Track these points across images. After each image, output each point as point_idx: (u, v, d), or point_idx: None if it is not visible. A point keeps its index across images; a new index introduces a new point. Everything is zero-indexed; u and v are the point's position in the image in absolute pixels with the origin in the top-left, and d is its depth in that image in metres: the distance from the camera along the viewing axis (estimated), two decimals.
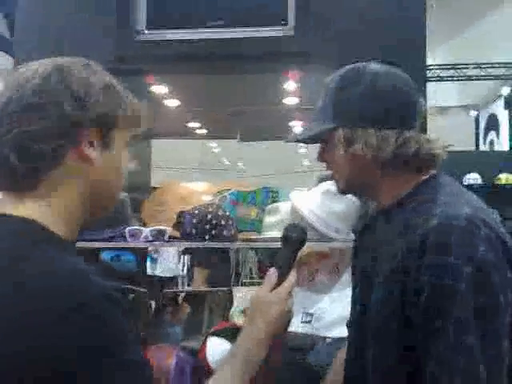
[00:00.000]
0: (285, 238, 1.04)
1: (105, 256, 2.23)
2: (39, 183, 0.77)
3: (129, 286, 2.01)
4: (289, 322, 0.98)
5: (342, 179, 1.08)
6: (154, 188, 2.38)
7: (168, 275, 5.86)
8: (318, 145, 1.10)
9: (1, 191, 0.80)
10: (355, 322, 1.09)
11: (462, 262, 0.83)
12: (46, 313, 0.65)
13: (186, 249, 6.01)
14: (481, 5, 8.27)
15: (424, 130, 1.12)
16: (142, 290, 2.06)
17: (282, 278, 0.99)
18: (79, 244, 1.07)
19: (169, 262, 6.07)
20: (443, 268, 0.84)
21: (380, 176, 1.02)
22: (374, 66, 1.04)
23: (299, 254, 1.05)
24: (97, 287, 0.68)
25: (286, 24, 1.82)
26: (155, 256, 5.52)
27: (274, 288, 0.98)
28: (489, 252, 0.85)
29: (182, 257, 6.39)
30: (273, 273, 1.00)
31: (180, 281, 6.15)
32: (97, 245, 1.80)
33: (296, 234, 1.04)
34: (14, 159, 0.75)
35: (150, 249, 2.98)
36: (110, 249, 2.15)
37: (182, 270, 6.43)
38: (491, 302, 0.84)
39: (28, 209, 0.76)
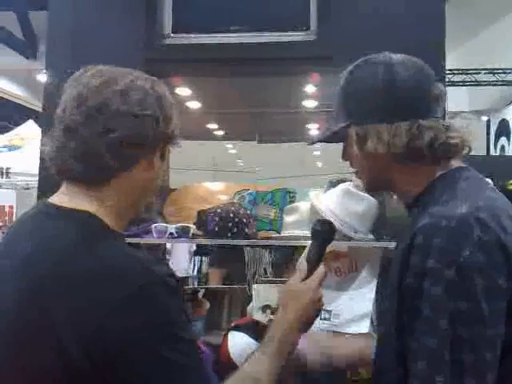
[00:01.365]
0: (314, 233, 1.09)
1: None
2: (109, 182, 0.86)
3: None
4: (319, 310, 1.03)
5: (364, 177, 1.06)
6: (171, 189, 2.43)
7: (180, 275, 5.92)
8: (332, 147, 1.10)
9: (73, 183, 0.87)
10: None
11: (442, 266, 0.81)
12: (113, 292, 0.73)
13: (198, 250, 6.06)
14: (492, 10, 8.26)
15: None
16: None
17: (311, 270, 1.04)
18: None
19: (181, 262, 6.13)
20: (423, 271, 0.82)
21: (400, 171, 0.99)
22: (383, 58, 1.00)
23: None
24: (156, 272, 0.77)
25: (307, 29, 1.88)
26: (167, 257, 5.57)
27: (305, 279, 1.03)
28: (476, 255, 0.80)
29: (193, 258, 6.45)
30: (303, 265, 1.05)
31: (191, 281, 6.20)
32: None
33: (324, 228, 1.09)
34: (109, 158, 0.83)
35: (168, 246, 3.03)
36: None
37: (193, 271, 6.50)
38: (471, 308, 0.79)
39: (92, 205, 0.84)
